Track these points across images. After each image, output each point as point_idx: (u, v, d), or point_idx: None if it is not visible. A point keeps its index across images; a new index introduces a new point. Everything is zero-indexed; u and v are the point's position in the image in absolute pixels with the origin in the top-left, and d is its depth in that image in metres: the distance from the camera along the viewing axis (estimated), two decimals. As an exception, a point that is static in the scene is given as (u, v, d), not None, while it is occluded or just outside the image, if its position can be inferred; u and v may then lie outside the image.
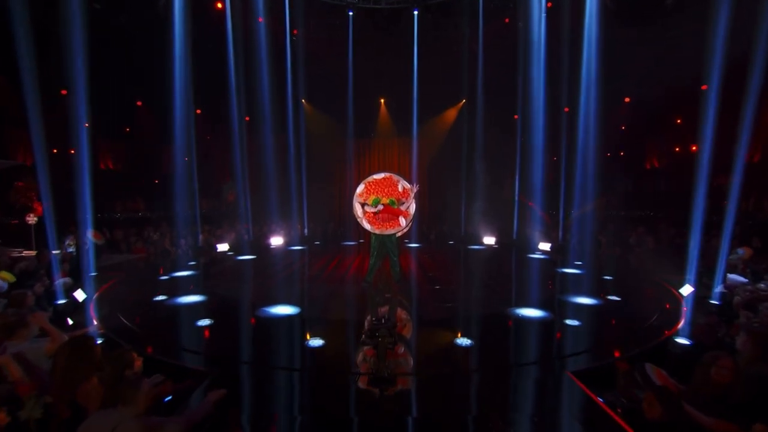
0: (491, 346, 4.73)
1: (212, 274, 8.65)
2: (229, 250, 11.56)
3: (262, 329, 5.29)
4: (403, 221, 7.17)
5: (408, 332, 5.28)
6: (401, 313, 6.31)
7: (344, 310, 6.21)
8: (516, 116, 16.31)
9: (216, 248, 11.53)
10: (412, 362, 4.32)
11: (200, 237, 11.60)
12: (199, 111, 17.18)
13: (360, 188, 7.23)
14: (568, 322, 5.35)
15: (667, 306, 5.98)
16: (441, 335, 5.13)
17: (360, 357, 4.26)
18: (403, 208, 7.16)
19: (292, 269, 9.20)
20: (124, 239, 11.05)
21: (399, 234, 7.41)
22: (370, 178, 7.27)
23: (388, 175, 7.27)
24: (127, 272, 8.27)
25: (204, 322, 5.32)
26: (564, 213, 12.17)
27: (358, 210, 7.21)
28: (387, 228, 7.17)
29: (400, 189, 7.21)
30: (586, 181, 11.64)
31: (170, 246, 10.49)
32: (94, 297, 6.23)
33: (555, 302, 6.38)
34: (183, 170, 12.44)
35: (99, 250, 8.19)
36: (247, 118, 16.73)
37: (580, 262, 9.40)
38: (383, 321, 3.84)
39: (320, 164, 16.07)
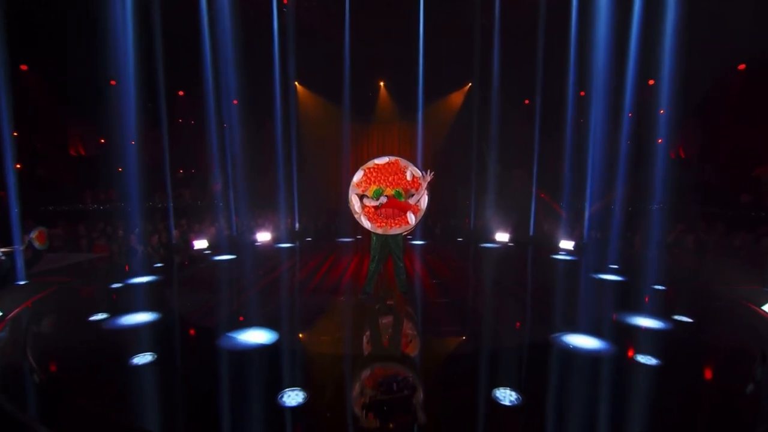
0: (548, 405, 3.24)
1: (177, 280, 7.10)
2: (207, 248, 10.04)
3: (219, 371, 3.76)
4: (412, 218, 5.64)
5: (421, 375, 3.78)
6: (407, 327, 4.86)
7: (337, 336, 4.69)
8: (527, 101, 14.87)
9: (192, 246, 10.00)
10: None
11: (173, 232, 10.00)
12: (182, 93, 15.62)
13: (357, 176, 5.68)
14: (641, 359, 3.87)
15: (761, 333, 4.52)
16: (470, 381, 3.63)
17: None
18: (412, 201, 5.63)
19: (276, 273, 7.64)
20: (87, 235, 9.49)
21: (406, 233, 5.87)
22: (370, 164, 5.71)
23: (393, 159, 5.71)
24: (73, 278, 6.72)
25: (142, 358, 3.81)
26: (590, 206, 10.65)
27: (354, 204, 5.67)
28: (392, 226, 5.64)
29: (408, 177, 5.66)
30: (612, 171, 10.22)
31: (137, 244, 8.92)
32: (7, 317, 4.70)
33: (609, 324, 4.89)
34: (157, 157, 10.96)
35: (37, 255, 6.62)
36: (236, 102, 15.25)
37: (615, 266, 7.93)
38: (395, 388, 2.34)
39: (313, 151, 14.51)
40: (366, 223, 5.67)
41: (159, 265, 8.09)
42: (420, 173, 5.65)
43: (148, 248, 9.12)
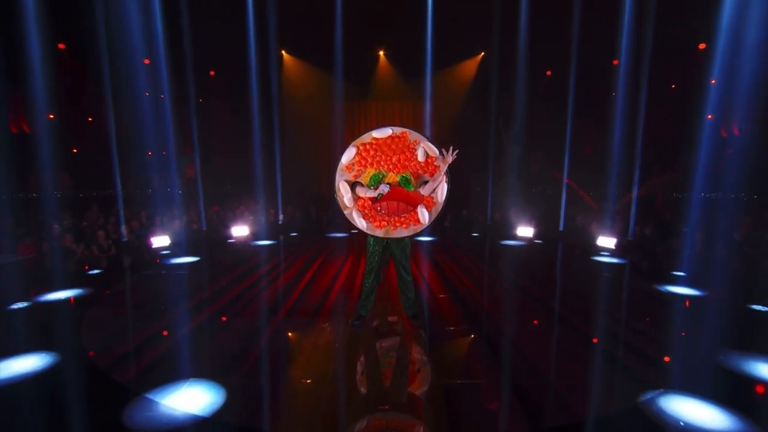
0: None
1: (107, 296, 5.58)
2: (167, 247, 8.57)
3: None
4: (425, 215, 4.16)
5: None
6: (416, 357, 3.46)
7: (316, 400, 3.21)
8: (549, 72, 13.33)
9: (150, 244, 8.52)
10: None
11: (123, 228, 8.49)
12: (147, 61, 14.04)
13: (348, 155, 4.17)
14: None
15: None
16: None
17: None
18: (424, 191, 4.14)
19: (243, 285, 6.14)
20: (12, 231, 7.98)
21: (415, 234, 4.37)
22: (365, 137, 4.20)
23: (399, 130, 4.19)
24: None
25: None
26: (637, 195, 9.14)
27: (344, 195, 4.18)
28: (396, 227, 4.16)
29: (420, 157, 4.15)
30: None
31: (73, 243, 7.43)
32: None
33: (722, 375, 3.44)
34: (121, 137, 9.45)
35: None
36: (212, 72, 13.67)
37: (682, 273, 6.47)
38: None
39: (301, 130, 12.94)
40: (360, 222, 4.19)
41: (95, 271, 6.62)
42: (437, 151, 4.14)
43: (91, 248, 7.64)
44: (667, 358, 3.80)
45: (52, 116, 10.77)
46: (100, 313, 4.84)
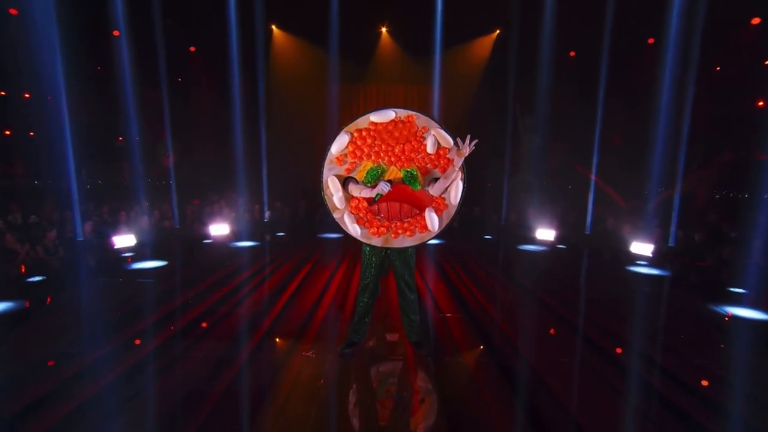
0: None
1: (39, 313, 4.88)
2: (132, 248, 7.95)
3: None
4: (434, 220, 3.50)
5: None
6: (420, 400, 2.83)
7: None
8: (572, 53, 12.69)
9: (112, 244, 7.87)
10: None
11: (81, 226, 7.83)
12: (117, 33, 13.43)
13: (339, 144, 3.50)
14: None
15: None
16: None
17: None
18: (434, 190, 3.48)
19: (215, 298, 5.44)
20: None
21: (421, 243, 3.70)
22: (361, 121, 3.52)
23: (405, 114, 3.50)
24: None
25: None
26: (681, 191, 8.51)
27: (333, 194, 3.51)
28: (398, 234, 3.51)
29: (430, 148, 3.47)
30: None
31: (15, 242, 6.77)
32: None
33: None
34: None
35: None
36: (193, 48, 13.01)
37: (743, 290, 5.80)
38: None
39: (291, 116, 12.30)
40: (353, 228, 3.53)
41: (37, 278, 5.97)
42: (451, 141, 3.46)
43: (36, 248, 6.99)
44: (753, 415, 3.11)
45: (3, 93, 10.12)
46: (20, 338, 4.15)
